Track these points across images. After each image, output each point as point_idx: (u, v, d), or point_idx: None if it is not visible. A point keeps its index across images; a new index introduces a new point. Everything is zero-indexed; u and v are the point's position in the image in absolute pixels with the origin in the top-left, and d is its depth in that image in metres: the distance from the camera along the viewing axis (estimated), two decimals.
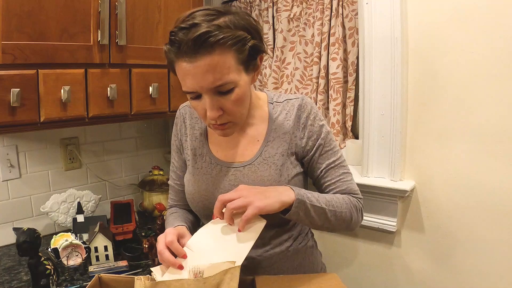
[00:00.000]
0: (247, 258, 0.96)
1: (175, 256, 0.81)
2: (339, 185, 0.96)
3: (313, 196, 0.87)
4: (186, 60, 0.77)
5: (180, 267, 0.79)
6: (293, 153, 0.95)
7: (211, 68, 0.77)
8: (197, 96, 0.83)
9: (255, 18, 0.91)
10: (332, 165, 0.96)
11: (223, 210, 0.82)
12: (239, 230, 0.80)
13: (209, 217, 0.98)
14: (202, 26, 0.76)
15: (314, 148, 0.95)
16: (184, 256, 0.80)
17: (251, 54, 0.82)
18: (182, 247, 0.82)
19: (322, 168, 0.96)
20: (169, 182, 1.10)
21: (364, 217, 1.46)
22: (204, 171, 0.97)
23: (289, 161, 0.94)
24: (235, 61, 0.79)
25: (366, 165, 1.44)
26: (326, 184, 0.96)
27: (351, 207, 0.94)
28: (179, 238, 0.84)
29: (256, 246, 0.95)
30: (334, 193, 0.96)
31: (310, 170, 0.98)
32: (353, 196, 0.97)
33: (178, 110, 1.07)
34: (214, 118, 0.83)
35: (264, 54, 0.88)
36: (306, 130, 0.95)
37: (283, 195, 0.82)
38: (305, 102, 0.96)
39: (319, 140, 0.95)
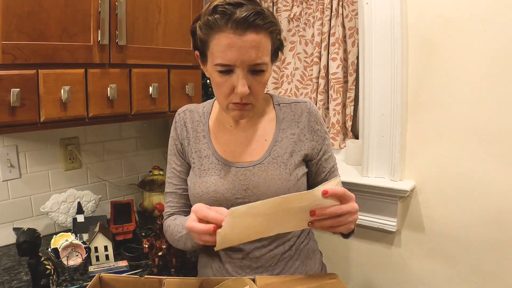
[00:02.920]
0: (250, 258, 0.96)
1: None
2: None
3: None
4: (235, 33, 0.80)
5: (215, 229, 0.74)
6: (302, 154, 0.97)
7: (257, 45, 0.82)
8: (228, 71, 0.85)
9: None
10: (333, 169, 1.03)
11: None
12: (325, 193, 0.75)
13: None
14: (254, 6, 0.81)
15: (320, 153, 1.00)
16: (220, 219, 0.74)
17: (278, 46, 0.90)
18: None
19: (326, 172, 1.01)
20: (167, 190, 1.07)
21: (364, 217, 1.47)
22: (212, 172, 0.97)
23: (297, 161, 0.96)
24: (271, 47, 0.86)
25: (366, 165, 1.44)
26: None
27: None
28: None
29: (259, 245, 0.95)
30: None
31: (315, 173, 1.01)
32: None
33: (177, 115, 1.06)
34: (244, 94, 0.85)
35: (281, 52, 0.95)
36: (315, 134, 0.98)
37: None
38: (313, 106, 1.01)
39: (324, 146, 1.00)
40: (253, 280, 0.85)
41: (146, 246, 1.26)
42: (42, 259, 1.11)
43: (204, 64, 0.91)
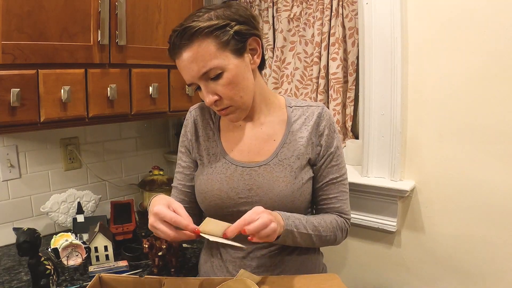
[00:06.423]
0: (250, 257, 0.96)
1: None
2: (334, 202, 1.00)
3: (301, 223, 0.90)
4: (176, 59, 0.87)
5: (196, 232, 0.79)
6: (308, 158, 0.97)
7: (193, 58, 0.84)
8: (198, 87, 0.90)
9: (248, 8, 0.97)
10: (334, 181, 0.99)
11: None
12: (251, 239, 0.79)
13: (220, 217, 0.98)
14: (183, 25, 0.84)
15: (323, 159, 0.98)
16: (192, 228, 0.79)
17: (237, 38, 0.86)
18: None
19: (324, 181, 0.99)
20: (173, 183, 1.09)
21: (364, 217, 1.47)
22: (218, 170, 0.97)
23: (303, 165, 0.96)
24: (217, 47, 0.84)
25: (366, 165, 1.44)
26: (322, 197, 1.00)
27: (337, 229, 0.98)
28: (169, 206, 0.82)
29: (259, 245, 0.96)
30: (327, 208, 1.00)
31: (314, 178, 1.00)
32: (342, 217, 1.01)
33: (188, 112, 1.08)
34: (211, 103, 0.89)
35: (257, 37, 0.91)
36: (322, 139, 0.97)
37: (279, 224, 0.85)
38: (325, 111, 0.99)
39: (328, 152, 0.98)
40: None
41: (146, 246, 1.26)
42: (42, 259, 1.11)
43: None
